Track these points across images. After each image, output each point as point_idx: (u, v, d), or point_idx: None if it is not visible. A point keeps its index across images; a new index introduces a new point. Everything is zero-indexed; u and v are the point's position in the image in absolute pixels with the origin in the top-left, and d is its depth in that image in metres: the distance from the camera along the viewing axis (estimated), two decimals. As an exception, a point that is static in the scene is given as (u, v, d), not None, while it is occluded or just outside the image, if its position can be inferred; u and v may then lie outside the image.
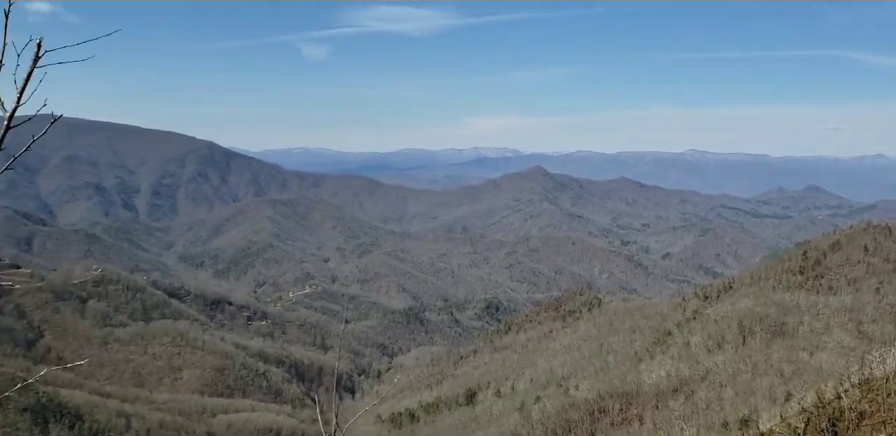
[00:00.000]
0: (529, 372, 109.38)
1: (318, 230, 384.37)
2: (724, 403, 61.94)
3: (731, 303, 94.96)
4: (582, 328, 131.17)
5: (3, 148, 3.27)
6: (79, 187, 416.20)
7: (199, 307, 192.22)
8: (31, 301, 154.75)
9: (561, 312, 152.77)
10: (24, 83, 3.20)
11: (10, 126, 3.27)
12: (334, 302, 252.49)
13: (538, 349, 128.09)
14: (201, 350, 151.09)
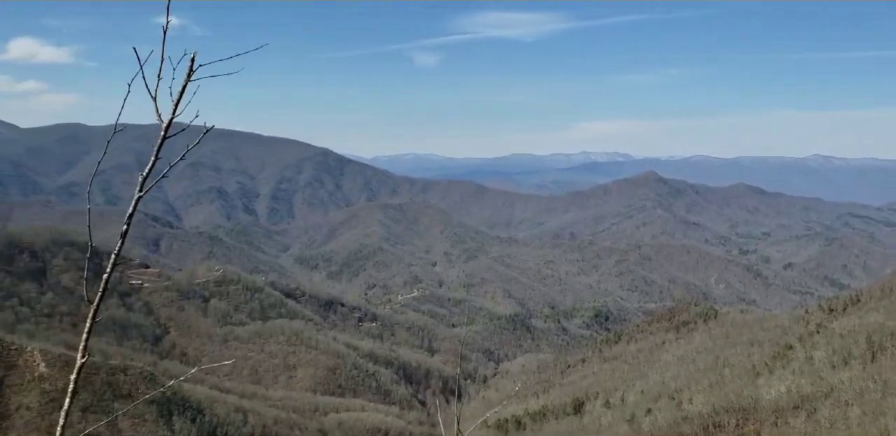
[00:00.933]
0: (640, 384, 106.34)
1: (426, 235, 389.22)
2: (851, 422, 57.96)
3: (860, 317, 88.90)
4: (696, 340, 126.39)
5: (160, 156, 3.43)
6: (203, 192, 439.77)
7: (314, 308, 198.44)
8: (159, 299, 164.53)
9: (674, 322, 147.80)
10: (178, 96, 3.32)
11: (166, 136, 3.42)
12: (441, 306, 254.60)
13: (650, 360, 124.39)
14: (315, 349, 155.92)
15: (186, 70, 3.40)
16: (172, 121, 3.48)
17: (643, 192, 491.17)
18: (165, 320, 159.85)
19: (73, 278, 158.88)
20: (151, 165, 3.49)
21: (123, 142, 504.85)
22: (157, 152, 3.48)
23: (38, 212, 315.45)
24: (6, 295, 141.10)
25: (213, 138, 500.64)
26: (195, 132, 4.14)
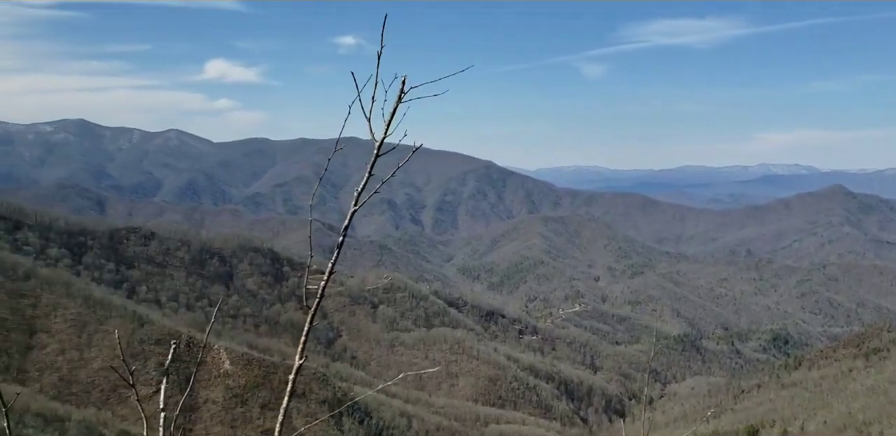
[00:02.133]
0: (823, 414, 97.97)
1: (588, 248, 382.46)
2: None
3: None
4: (889, 369, 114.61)
5: (373, 173, 3.67)
6: (374, 203, 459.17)
7: (475, 318, 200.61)
8: (332, 304, 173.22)
9: (863, 349, 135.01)
10: (390, 116, 3.55)
11: (378, 154, 3.66)
12: (604, 322, 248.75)
13: (834, 389, 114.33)
14: (476, 359, 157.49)
15: (398, 92, 3.59)
16: (384, 140, 3.73)
17: (829, 207, 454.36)
18: (338, 324, 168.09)
19: (257, 282, 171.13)
20: (365, 182, 3.72)
21: (304, 156, 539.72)
22: (370, 169, 3.72)
23: (228, 220, 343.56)
24: (198, 296, 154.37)
25: (390, 151, 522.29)
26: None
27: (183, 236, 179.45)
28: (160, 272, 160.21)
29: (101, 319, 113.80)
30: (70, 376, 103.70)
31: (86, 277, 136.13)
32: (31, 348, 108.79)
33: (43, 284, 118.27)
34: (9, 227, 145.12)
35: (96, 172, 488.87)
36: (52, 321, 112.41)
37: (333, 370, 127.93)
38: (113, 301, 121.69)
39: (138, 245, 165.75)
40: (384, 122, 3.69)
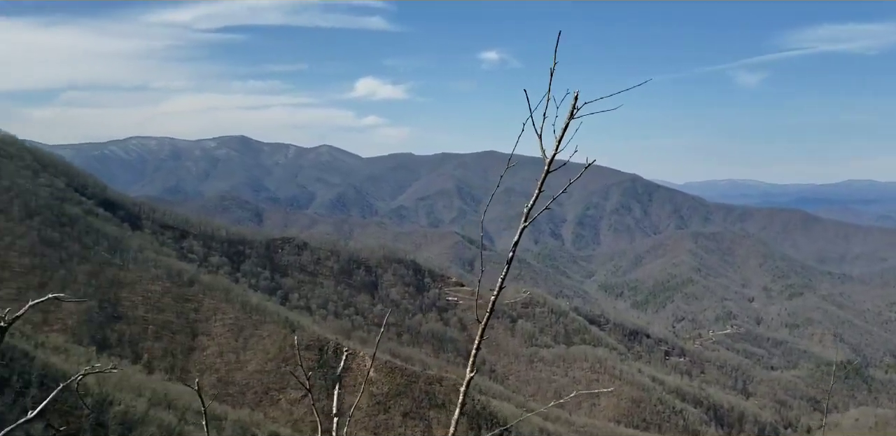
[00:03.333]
0: None
1: (742, 267, 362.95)
2: None
3: None
4: None
5: (543, 190, 3.65)
6: (513, 217, 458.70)
7: (618, 336, 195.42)
8: (472, 316, 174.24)
9: None
10: (561, 132, 3.53)
11: (549, 171, 3.64)
12: (758, 346, 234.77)
13: None
14: (618, 379, 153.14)
15: (569, 108, 3.56)
16: (555, 157, 3.70)
17: None
18: (477, 337, 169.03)
19: (400, 292, 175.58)
20: (535, 198, 3.71)
21: (445, 170, 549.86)
22: (540, 186, 3.70)
23: (374, 232, 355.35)
24: (346, 304, 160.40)
25: (525, 165, 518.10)
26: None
27: (332, 247, 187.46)
28: (311, 281, 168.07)
29: (256, 324, 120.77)
30: (227, 378, 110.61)
31: (243, 284, 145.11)
32: (193, 349, 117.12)
33: (205, 289, 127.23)
34: (176, 236, 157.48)
35: (255, 185, 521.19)
36: (212, 325, 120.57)
37: (472, 383, 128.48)
38: (268, 307, 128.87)
39: (292, 254, 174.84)
40: (555, 138, 3.64)
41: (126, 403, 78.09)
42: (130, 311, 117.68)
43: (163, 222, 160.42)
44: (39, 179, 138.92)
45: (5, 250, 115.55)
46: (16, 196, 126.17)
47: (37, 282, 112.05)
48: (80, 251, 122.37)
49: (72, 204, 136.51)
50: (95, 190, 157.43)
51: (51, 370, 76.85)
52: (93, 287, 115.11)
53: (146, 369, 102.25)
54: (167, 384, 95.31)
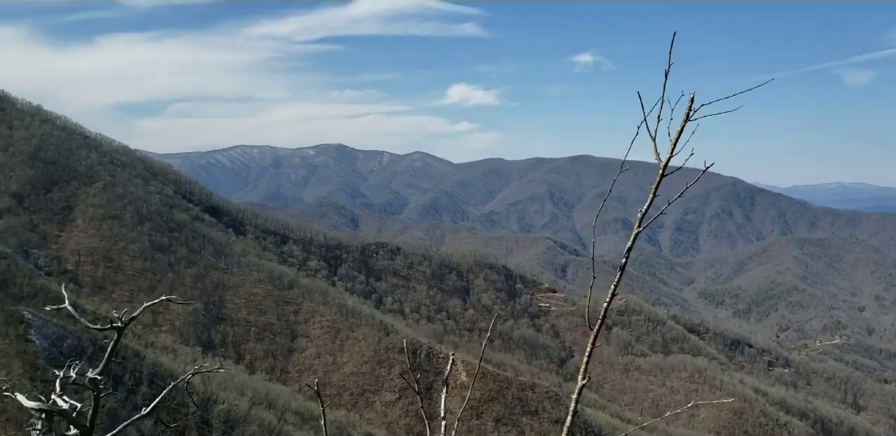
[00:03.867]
0: None
1: (852, 275, 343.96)
2: None
3: None
4: None
5: (657, 194, 3.59)
6: (608, 222, 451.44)
7: (718, 346, 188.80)
8: (564, 323, 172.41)
9: None
10: (677, 135, 3.47)
11: (663, 174, 3.57)
12: (870, 357, 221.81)
13: None
14: (719, 390, 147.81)
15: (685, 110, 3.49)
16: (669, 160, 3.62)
17: None
18: (570, 344, 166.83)
19: (491, 298, 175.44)
20: (649, 203, 3.64)
21: (537, 175, 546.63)
22: (654, 190, 3.62)
23: (465, 237, 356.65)
24: (437, 309, 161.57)
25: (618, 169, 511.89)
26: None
27: (425, 252, 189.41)
28: (404, 285, 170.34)
29: (352, 327, 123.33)
30: (324, 379, 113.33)
31: (340, 288, 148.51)
32: (292, 350, 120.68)
33: (304, 292, 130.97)
34: (277, 241, 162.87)
35: (351, 192, 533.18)
36: (310, 327, 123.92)
37: (566, 390, 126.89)
38: (363, 310, 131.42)
39: (386, 259, 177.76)
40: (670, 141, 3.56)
41: (229, 402, 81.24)
42: (234, 313, 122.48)
43: (265, 228, 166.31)
44: (150, 187, 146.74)
45: (119, 254, 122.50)
46: (129, 203, 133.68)
47: (147, 284, 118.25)
48: (187, 255, 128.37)
49: (180, 210, 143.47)
50: (202, 197, 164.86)
51: (160, 369, 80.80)
52: (199, 290, 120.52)
53: (248, 370, 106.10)
54: (268, 384, 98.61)
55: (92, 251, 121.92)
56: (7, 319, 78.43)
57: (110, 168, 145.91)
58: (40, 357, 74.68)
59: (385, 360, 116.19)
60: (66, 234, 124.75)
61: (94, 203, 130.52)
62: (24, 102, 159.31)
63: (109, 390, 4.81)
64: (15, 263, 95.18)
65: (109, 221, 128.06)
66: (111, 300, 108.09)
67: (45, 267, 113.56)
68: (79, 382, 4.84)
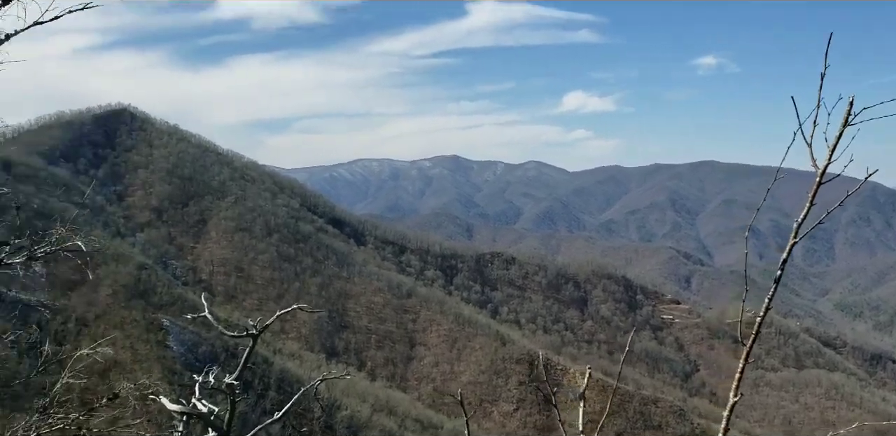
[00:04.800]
0: None
1: None
2: None
3: None
4: None
5: (815, 203, 3.48)
6: (735, 230, 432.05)
7: (857, 361, 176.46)
8: (689, 336, 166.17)
9: None
10: (835, 141, 3.37)
11: (821, 182, 3.45)
12: None
13: None
14: (858, 408, 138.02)
15: (844, 115, 3.38)
16: (827, 167, 3.48)
17: None
18: (695, 357, 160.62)
19: (610, 309, 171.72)
20: (807, 211, 3.50)
21: (657, 181, 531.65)
22: (811, 199, 3.48)
23: (582, 246, 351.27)
24: (554, 319, 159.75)
25: (748, 175, 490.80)
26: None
27: (540, 262, 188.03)
28: (520, 295, 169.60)
29: (469, 336, 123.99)
30: (442, 387, 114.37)
31: (456, 297, 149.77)
32: (411, 358, 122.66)
33: (422, 301, 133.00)
34: (395, 250, 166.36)
35: (466, 202, 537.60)
36: (428, 336, 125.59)
37: (691, 405, 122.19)
38: (479, 320, 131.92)
39: (501, 269, 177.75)
40: (828, 147, 3.42)
41: (352, 408, 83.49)
42: (355, 321, 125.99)
43: (384, 238, 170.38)
44: (277, 200, 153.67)
45: (249, 265, 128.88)
46: (258, 216, 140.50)
47: (275, 293, 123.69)
48: (312, 265, 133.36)
49: (305, 222, 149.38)
50: (325, 209, 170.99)
51: (287, 375, 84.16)
52: (323, 298, 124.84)
53: (370, 377, 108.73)
54: (388, 391, 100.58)
55: (224, 262, 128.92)
56: (148, 326, 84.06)
57: (241, 183, 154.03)
58: (177, 362, 79.53)
59: (502, 370, 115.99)
60: (200, 245, 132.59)
61: (226, 216, 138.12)
62: (162, 122, 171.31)
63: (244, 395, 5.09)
64: (155, 273, 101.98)
65: (240, 233, 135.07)
66: (242, 308, 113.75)
67: (182, 277, 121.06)
68: (216, 386, 5.13)
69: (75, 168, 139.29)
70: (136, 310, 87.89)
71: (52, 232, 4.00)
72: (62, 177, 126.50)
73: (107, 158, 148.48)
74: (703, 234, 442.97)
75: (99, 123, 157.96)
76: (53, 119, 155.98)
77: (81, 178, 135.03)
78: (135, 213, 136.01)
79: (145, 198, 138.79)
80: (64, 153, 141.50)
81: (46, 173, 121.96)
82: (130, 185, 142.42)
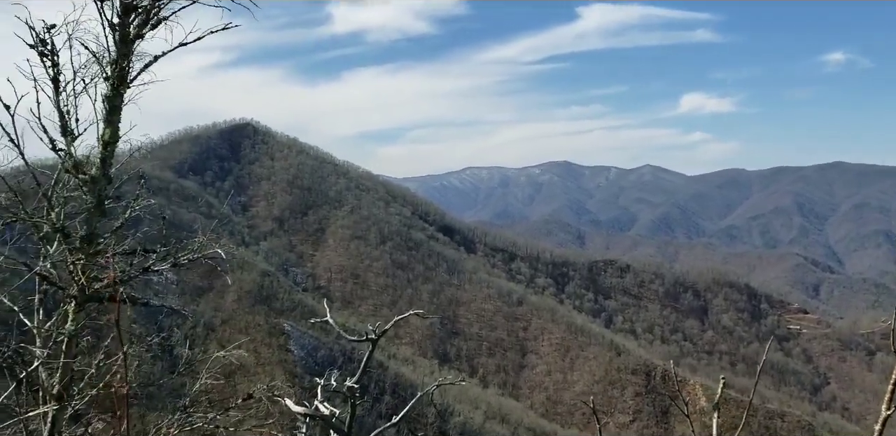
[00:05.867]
0: None
1: None
2: None
3: None
4: None
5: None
6: (867, 235, 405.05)
7: None
8: (818, 347, 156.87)
9: None
10: None
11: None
12: None
13: None
14: None
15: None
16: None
17: None
18: (825, 370, 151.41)
19: (732, 319, 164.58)
20: None
21: (781, 185, 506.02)
22: None
23: (700, 253, 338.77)
24: (672, 329, 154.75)
25: (882, 177, 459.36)
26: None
27: (657, 269, 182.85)
28: (635, 304, 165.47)
29: (581, 346, 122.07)
30: (555, 397, 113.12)
31: (568, 305, 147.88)
32: (523, 367, 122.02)
33: (532, 309, 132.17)
34: (505, 258, 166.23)
35: (577, 209, 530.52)
36: (540, 344, 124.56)
37: (821, 420, 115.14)
38: (592, 329, 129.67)
39: (614, 277, 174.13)
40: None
41: (464, 414, 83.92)
42: (466, 328, 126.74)
43: (493, 245, 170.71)
44: (391, 209, 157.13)
45: (364, 272, 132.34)
46: (372, 224, 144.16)
47: (389, 299, 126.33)
48: (423, 272, 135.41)
49: (416, 230, 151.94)
50: (436, 217, 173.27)
51: (401, 380, 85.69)
52: (434, 305, 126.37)
53: (481, 384, 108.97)
54: (501, 399, 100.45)
55: (341, 269, 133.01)
56: (271, 331, 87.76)
57: (356, 192, 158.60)
58: (298, 366, 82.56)
59: (617, 381, 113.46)
60: (319, 253, 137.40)
61: (342, 225, 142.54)
62: (282, 135, 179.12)
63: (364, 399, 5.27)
64: (277, 279, 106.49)
65: (356, 242, 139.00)
66: (358, 314, 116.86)
67: (302, 283, 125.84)
68: (337, 389, 5.34)
69: (202, 180, 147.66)
70: (260, 315, 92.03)
71: (194, 240, 4.34)
72: (191, 189, 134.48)
73: (232, 170, 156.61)
74: (832, 239, 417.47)
75: (224, 137, 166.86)
76: (182, 134, 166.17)
77: (208, 189, 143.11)
78: (258, 222, 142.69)
79: (268, 208, 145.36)
80: (192, 166, 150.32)
81: (177, 185, 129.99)
82: (254, 196, 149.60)
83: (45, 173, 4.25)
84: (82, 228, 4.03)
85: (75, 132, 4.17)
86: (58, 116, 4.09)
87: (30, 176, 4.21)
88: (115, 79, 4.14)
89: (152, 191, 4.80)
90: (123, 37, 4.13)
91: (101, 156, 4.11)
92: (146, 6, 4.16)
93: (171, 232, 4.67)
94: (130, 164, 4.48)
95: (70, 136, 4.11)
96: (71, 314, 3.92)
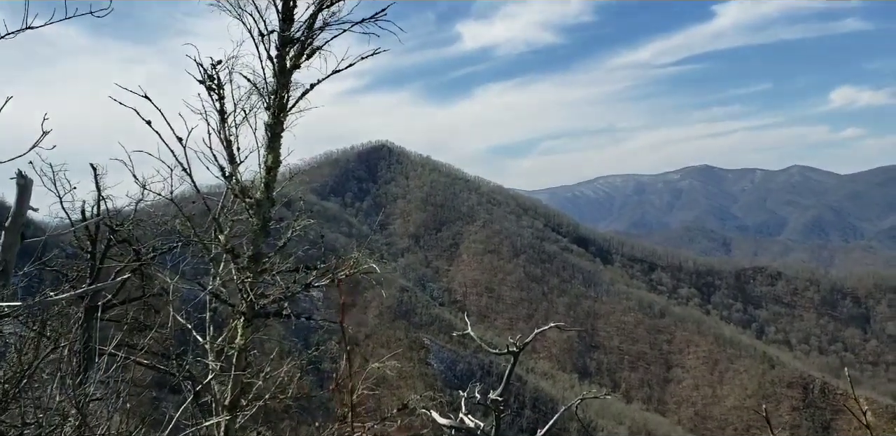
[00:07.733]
0: None
1: None
2: None
3: None
4: None
5: None
6: None
7: None
8: None
9: None
10: None
11: None
12: None
13: None
14: None
15: None
16: None
17: None
18: None
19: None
20: None
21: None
22: None
23: (859, 257, 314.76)
24: (831, 339, 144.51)
25: None
26: None
27: (811, 276, 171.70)
28: (788, 313, 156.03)
29: (731, 358, 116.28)
30: (704, 412, 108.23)
31: (715, 316, 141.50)
32: (668, 381, 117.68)
33: (676, 321, 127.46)
34: (644, 268, 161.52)
35: (720, 214, 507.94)
36: (685, 357, 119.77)
37: None
38: (742, 340, 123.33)
39: (765, 285, 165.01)
40: None
41: (608, 429, 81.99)
42: (606, 341, 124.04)
43: (631, 256, 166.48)
44: (522, 222, 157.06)
45: (499, 285, 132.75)
46: (505, 238, 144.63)
47: (524, 313, 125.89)
48: (558, 285, 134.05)
49: (549, 242, 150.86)
50: (569, 229, 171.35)
51: (541, 394, 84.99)
52: (571, 318, 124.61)
53: (624, 399, 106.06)
54: (645, 415, 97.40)
55: (476, 283, 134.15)
56: (411, 345, 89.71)
57: (487, 207, 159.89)
58: (438, 379, 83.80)
59: (772, 394, 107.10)
60: (454, 268, 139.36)
61: (475, 239, 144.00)
62: (416, 155, 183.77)
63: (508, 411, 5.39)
64: (415, 294, 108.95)
65: (489, 256, 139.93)
66: (494, 328, 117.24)
67: (438, 298, 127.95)
68: (481, 402, 5.48)
69: (343, 201, 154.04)
70: (400, 329, 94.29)
71: (350, 256, 4.65)
72: (333, 210, 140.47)
73: (370, 190, 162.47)
74: None
75: (361, 159, 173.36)
76: (322, 159, 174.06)
77: (348, 210, 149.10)
78: (395, 240, 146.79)
79: (404, 226, 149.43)
80: (333, 189, 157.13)
81: (319, 207, 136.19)
82: (390, 214, 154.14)
83: (211, 199, 4.69)
84: (249, 248, 4.42)
85: (237, 159, 4.58)
86: (224, 144, 4.51)
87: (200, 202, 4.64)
88: (276, 108, 4.53)
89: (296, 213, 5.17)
90: (281, 68, 4.51)
91: (265, 180, 4.50)
92: (301, 38, 4.52)
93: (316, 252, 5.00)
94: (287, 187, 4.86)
95: (235, 163, 4.53)
96: (240, 330, 4.30)
